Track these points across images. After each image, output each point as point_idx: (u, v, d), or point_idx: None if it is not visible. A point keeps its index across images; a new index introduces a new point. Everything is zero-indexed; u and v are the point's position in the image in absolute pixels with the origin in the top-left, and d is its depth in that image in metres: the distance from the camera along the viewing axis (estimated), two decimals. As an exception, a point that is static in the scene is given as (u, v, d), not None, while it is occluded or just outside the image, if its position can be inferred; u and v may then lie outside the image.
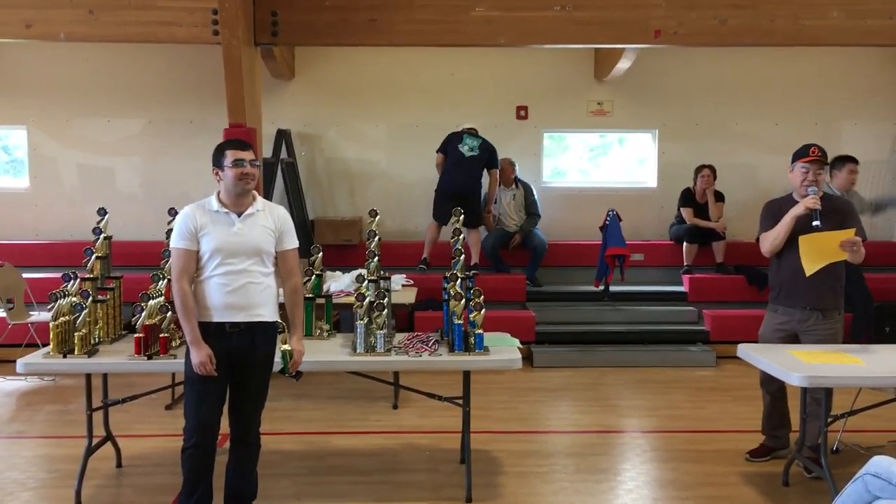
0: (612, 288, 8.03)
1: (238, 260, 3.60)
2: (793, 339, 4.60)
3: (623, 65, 8.24)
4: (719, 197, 8.38)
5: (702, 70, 8.93)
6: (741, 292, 8.05)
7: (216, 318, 3.62)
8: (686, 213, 8.40)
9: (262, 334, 3.70)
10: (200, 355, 3.55)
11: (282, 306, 3.82)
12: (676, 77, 8.95)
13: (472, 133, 8.20)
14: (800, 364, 4.04)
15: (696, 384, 6.76)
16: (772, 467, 4.72)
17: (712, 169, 8.39)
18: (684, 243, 8.33)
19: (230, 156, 3.63)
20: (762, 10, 6.89)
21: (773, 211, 4.60)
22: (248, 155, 3.66)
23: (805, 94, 8.97)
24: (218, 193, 3.71)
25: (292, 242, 3.80)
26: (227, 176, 3.63)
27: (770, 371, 4.20)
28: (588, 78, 8.99)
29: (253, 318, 3.64)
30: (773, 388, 4.70)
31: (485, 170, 8.17)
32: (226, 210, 3.67)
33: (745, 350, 4.46)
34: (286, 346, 3.75)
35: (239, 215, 3.67)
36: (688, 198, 8.45)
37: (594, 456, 5.01)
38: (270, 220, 3.72)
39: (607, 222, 7.91)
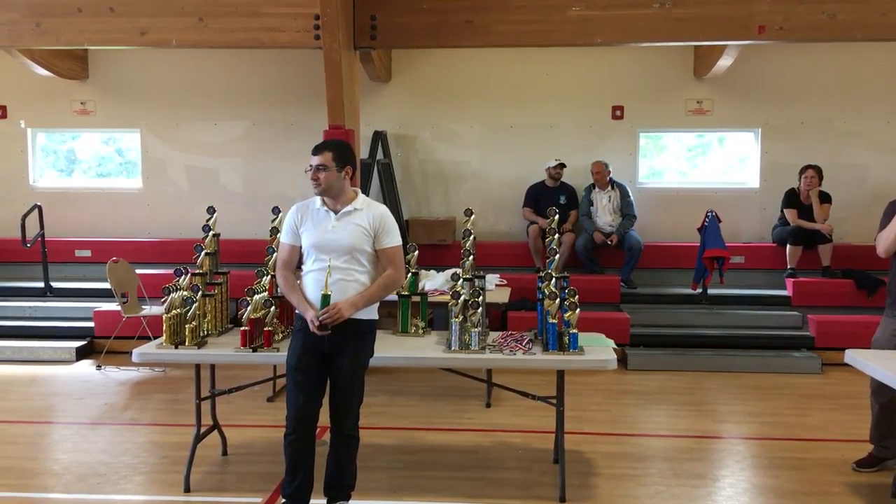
0: (711, 291, 7.85)
1: (333, 258, 3.72)
2: None
3: (724, 62, 8.04)
4: (826, 198, 8.07)
5: (806, 66, 8.62)
6: (849, 297, 7.73)
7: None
8: (790, 214, 8.12)
9: (353, 330, 3.79)
10: (308, 315, 3.71)
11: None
12: (780, 74, 8.66)
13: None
14: (913, 371, 3.86)
15: (800, 391, 6.54)
16: (880, 478, 4.53)
17: (817, 169, 8.09)
18: (788, 245, 8.06)
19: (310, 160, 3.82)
20: (873, 3, 6.61)
21: (894, 211, 4.41)
22: (316, 160, 3.78)
23: (920, 89, 8.54)
24: None
25: (392, 240, 3.86)
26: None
27: (880, 378, 4.02)
28: (687, 76, 8.81)
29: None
30: (884, 399, 4.49)
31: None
32: (326, 209, 3.81)
33: (853, 356, 4.27)
34: (327, 292, 3.70)
35: (336, 213, 3.78)
36: (792, 198, 8.17)
37: (691, 461, 4.92)
38: (366, 219, 3.81)
39: (706, 223, 7.73)
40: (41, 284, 8.39)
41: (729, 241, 7.78)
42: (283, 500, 3.91)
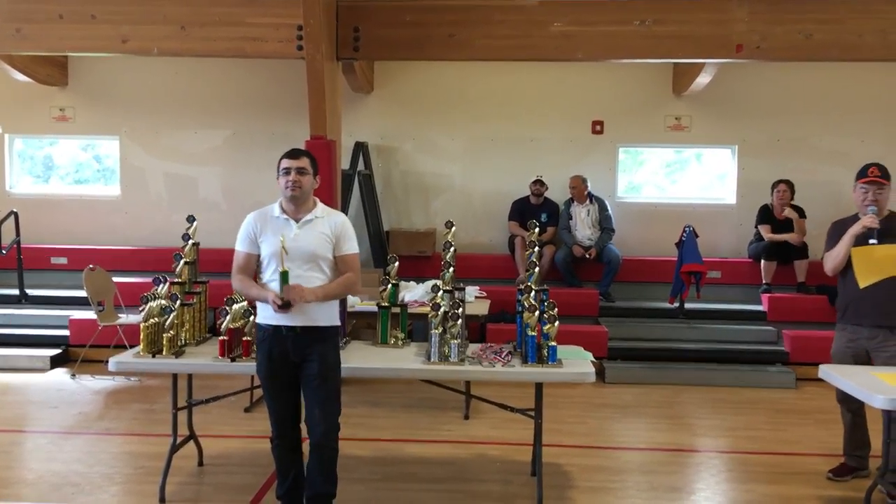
0: (688, 305, 7.92)
1: (295, 265, 3.72)
2: (864, 356, 4.58)
3: (702, 79, 8.15)
4: (801, 213, 8.18)
5: (784, 85, 8.75)
6: (823, 313, 7.81)
7: (273, 322, 3.78)
8: (764, 229, 8.22)
9: (319, 339, 3.81)
10: (269, 296, 3.67)
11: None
12: (757, 92, 8.79)
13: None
14: (883, 386, 3.93)
15: (775, 405, 6.60)
16: (853, 492, 4.59)
17: (789, 184, 8.21)
18: (763, 261, 8.15)
19: (282, 164, 3.85)
20: (849, 24, 6.72)
21: (839, 230, 4.66)
22: (296, 163, 3.81)
23: (893, 110, 8.68)
24: (281, 201, 3.88)
25: (351, 247, 3.90)
26: (280, 183, 3.84)
27: (853, 393, 4.09)
28: (666, 92, 8.91)
29: (308, 322, 3.76)
30: (854, 406, 4.59)
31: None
32: (286, 216, 3.83)
33: (826, 371, 4.35)
34: (284, 269, 3.65)
35: (298, 221, 3.81)
36: (766, 214, 8.28)
37: (668, 474, 4.95)
38: (328, 226, 3.85)
39: (683, 238, 7.81)
40: (16, 291, 8.30)
41: (706, 256, 7.85)
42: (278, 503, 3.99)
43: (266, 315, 3.82)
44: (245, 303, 4.44)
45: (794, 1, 6.77)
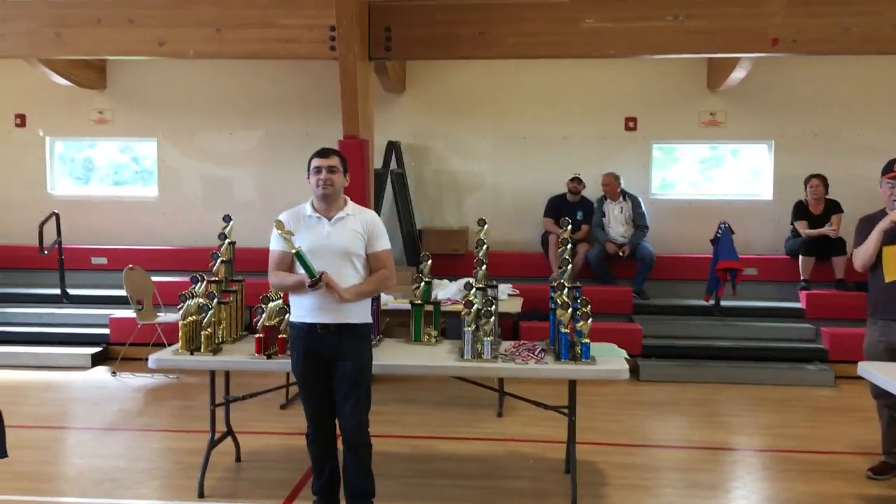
0: (724, 302, 7.84)
1: (327, 262, 3.76)
2: (894, 351, 4.52)
3: (737, 74, 8.06)
4: (837, 207, 8.05)
5: (821, 79, 8.62)
6: (862, 310, 7.54)
7: (307, 320, 3.83)
8: (800, 225, 8.11)
9: (352, 335, 3.85)
10: (305, 280, 3.72)
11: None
12: (794, 86, 8.67)
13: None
14: (926, 383, 3.86)
15: (813, 403, 6.52)
16: (893, 490, 4.52)
17: (821, 178, 8.09)
18: (800, 257, 8.04)
19: (313, 163, 3.90)
20: (886, 16, 6.62)
21: (867, 226, 4.64)
22: (327, 162, 3.86)
23: (935, 103, 8.53)
24: (312, 199, 3.93)
25: (384, 244, 3.95)
26: (311, 182, 3.89)
27: (892, 390, 4.03)
28: (700, 88, 8.82)
29: (342, 319, 3.80)
30: (892, 402, 4.53)
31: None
32: (318, 215, 3.88)
33: (865, 368, 4.28)
34: (295, 249, 3.71)
35: (330, 219, 3.84)
36: (801, 210, 8.17)
37: (703, 472, 4.91)
38: (360, 223, 3.89)
39: (719, 235, 7.73)
40: (58, 291, 8.48)
41: (742, 252, 7.77)
42: (315, 499, 4.05)
43: (300, 313, 3.87)
44: (280, 301, 4.49)
45: (831, -7, 6.68)
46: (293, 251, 3.72)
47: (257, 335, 4.36)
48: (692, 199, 9.04)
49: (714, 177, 9.31)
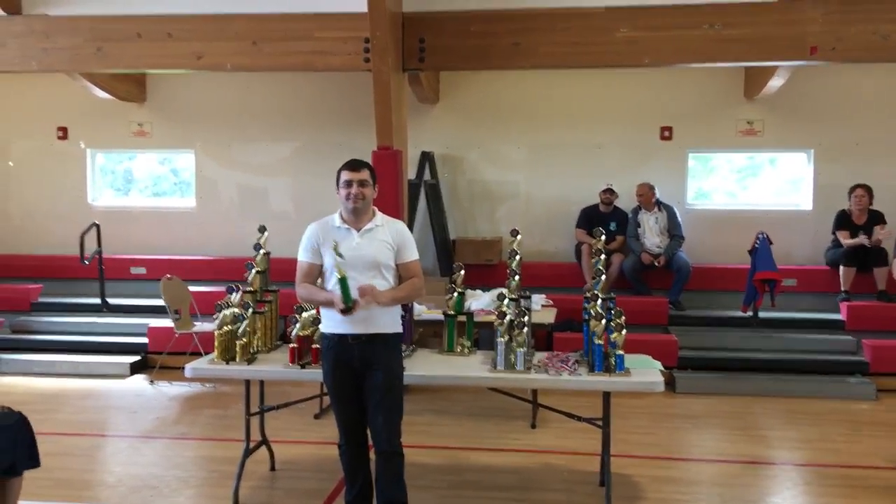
0: (762, 314, 7.72)
1: (357, 273, 3.78)
2: None
3: (775, 82, 7.95)
4: (880, 218, 7.90)
5: (861, 86, 8.47)
6: (911, 323, 7.53)
7: (338, 330, 3.84)
8: (842, 235, 7.97)
9: (383, 345, 3.86)
10: (335, 299, 3.72)
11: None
12: (834, 94, 8.53)
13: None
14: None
15: (854, 417, 6.38)
16: (939, 509, 4.41)
17: (867, 188, 7.94)
18: (841, 267, 7.90)
19: (343, 176, 3.90)
20: (927, 23, 6.49)
21: None
22: (358, 175, 3.86)
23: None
24: (341, 211, 3.94)
25: (413, 254, 3.97)
26: (340, 195, 3.91)
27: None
28: (737, 96, 8.72)
29: (372, 329, 3.81)
30: None
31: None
32: (347, 226, 3.90)
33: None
34: (342, 275, 3.68)
35: (359, 231, 3.87)
36: (843, 220, 8.02)
37: (740, 486, 4.84)
38: (389, 234, 3.91)
39: (757, 245, 7.62)
40: (98, 301, 8.63)
41: (781, 263, 7.65)
42: None
43: (330, 325, 3.89)
44: (314, 311, 4.53)
45: (870, 0, 6.56)
46: (339, 276, 3.71)
47: (291, 345, 4.40)
48: (729, 209, 8.93)
49: (751, 186, 9.19)
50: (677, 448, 5.65)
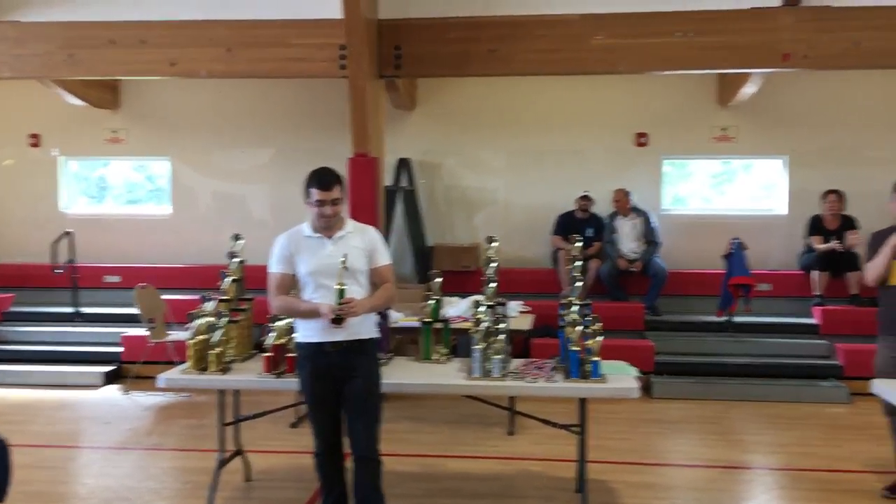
0: (737, 318, 7.78)
1: (333, 281, 3.75)
2: None
3: (749, 89, 8.03)
4: (852, 223, 7.98)
5: (835, 93, 8.58)
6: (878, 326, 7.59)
7: (314, 339, 3.81)
8: (815, 240, 8.05)
9: (361, 351, 3.84)
10: (322, 308, 3.69)
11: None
12: (807, 101, 8.63)
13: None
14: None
15: (829, 421, 6.44)
16: (911, 512, 4.45)
17: (839, 194, 8.03)
18: (814, 272, 7.97)
19: (313, 195, 3.82)
20: (899, 30, 6.58)
21: (879, 241, 4.63)
22: (329, 195, 3.80)
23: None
24: (311, 220, 3.91)
25: (384, 259, 3.95)
26: (311, 211, 3.86)
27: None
28: (711, 103, 8.80)
29: (351, 336, 3.78)
30: None
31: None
32: (318, 235, 3.88)
33: (879, 386, 4.23)
34: (341, 286, 3.68)
35: (331, 238, 3.85)
36: (816, 225, 8.11)
37: (717, 491, 4.85)
38: (361, 240, 3.89)
39: (731, 251, 7.69)
40: (71, 310, 8.53)
41: (756, 268, 7.72)
42: None
43: (307, 333, 3.86)
44: (290, 319, 4.49)
45: (842, 8, 6.64)
46: (337, 287, 3.66)
47: (266, 354, 4.36)
48: (704, 215, 9.00)
49: (726, 192, 9.26)
50: (654, 453, 5.67)
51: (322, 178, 3.84)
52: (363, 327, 3.84)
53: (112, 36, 7.24)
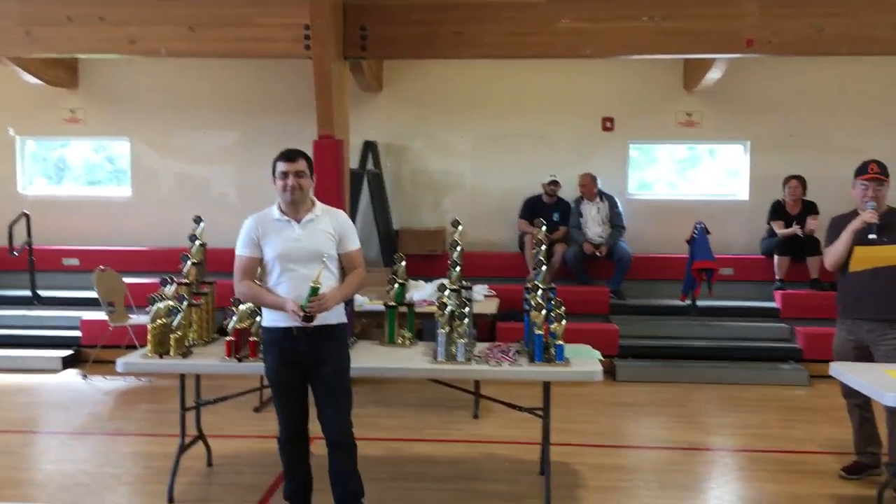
0: (700, 302, 7.86)
1: (300, 265, 3.72)
2: (865, 349, 4.59)
3: (713, 75, 8.08)
4: (813, 208, 8.09)
5: (797, 80, 8.66)
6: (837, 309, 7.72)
7: (283, 324, 3.76)
8: (776, 225, 8.15)
9: (330, 337, 3.80)
10: (288, 305, 3.65)
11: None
12: (770, 87, 8.71)
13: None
14: (894, 383, 3.87)
15: (788, 403, 6.55)
16: (865, 489, 4.54)
17: (800, 179, 8.14)
18: (775, 257, 8.08)
19: (278, 167, 3.80)
20: (863, 18, 6.63)
21: (839, 226, 4.69)
22: (294, 167, 3.77)
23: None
24: (279, 203, 3.85)
25: (354, 244, 3.91)
26: (277, 186, 3.82)
27: (863, 390, 4.05)
28: (677, 88, 8.84)
29: (319, 321, 3.73)
30: (861, 401, 4.59)
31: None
32: (287, 218, 3.81)
33: (837, 368, 4.30)
34: (317, 284, 3.63)
35: (299, 222, 3.79)
36: (777, 210, 8.21)
37: (678, 473, 4.91)
38: (330, 224, 3.84)
39: (695, 235, 7.75)
40: (28, 293, 8.35)
41: (719, 252, 7.79)
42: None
43: (274, 318, 3.81)
44: (251, 303, 4.43)
45: (806, -6, 6.70)
46: (312, 284, 3.60)
47: (228, 338, 4.30)
48: (669, 200, 9.07)
49: (691, 177, 9.34)
50: (618, 436, 5.72)
51: (287, 152, 3.84)
52: (332, 313, 3.80)
53: (70, 13, 7.03)
